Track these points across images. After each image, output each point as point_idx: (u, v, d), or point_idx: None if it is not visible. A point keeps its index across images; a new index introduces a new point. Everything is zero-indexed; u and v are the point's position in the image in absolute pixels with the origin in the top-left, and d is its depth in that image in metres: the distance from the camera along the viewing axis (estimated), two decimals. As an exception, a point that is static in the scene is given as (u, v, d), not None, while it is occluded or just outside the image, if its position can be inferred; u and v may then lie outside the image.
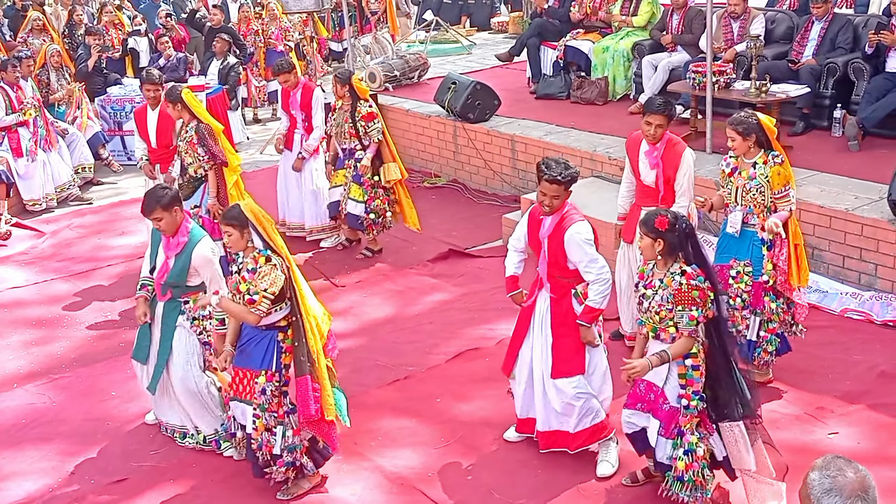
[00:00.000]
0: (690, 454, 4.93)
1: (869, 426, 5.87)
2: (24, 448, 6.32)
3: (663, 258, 4.93)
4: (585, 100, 11.14)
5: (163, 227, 5.82)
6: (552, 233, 5.44)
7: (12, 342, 7.89)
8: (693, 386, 4.92)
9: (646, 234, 4.93)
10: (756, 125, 5.96)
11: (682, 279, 4.84)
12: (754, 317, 6.14)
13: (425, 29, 15.59)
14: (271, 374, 5.41)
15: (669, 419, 4.96)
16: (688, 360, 4.91)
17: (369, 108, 8.67)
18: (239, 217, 5.35)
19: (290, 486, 5.62)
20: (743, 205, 6.07)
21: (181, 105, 7.85)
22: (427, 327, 7.66)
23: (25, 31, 13.64)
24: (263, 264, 5.31)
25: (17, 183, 10.95)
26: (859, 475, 2.85)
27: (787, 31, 10.14)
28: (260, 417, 5.42)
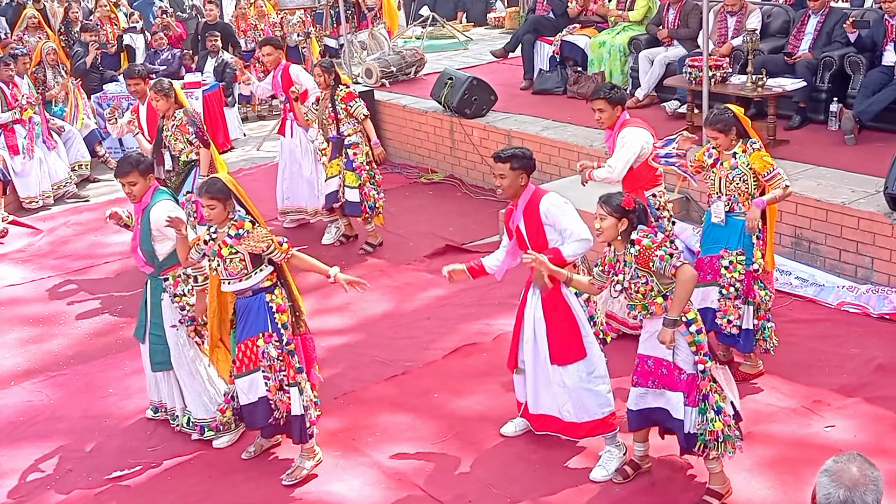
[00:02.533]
0: (720, 412, 4.97)
1: (866, 419, 5.87)
2: (22, 446, 6.32)
3: (623, 239, 4.96)
4: (582, 95, 11.12)
5: (135, 192, 5.91)
6: (525, 213, 5.46)
7: (9, 340, 7.89)
8: (703, 349, 4.95)
9: (610, 214, 4.93)
10: (732, 118, 6.03)
11: (634, 248, 4.89)
12: (747, 306, 6.16)
13: (421, 25, 15.57)
14: (269, 336, 5.50)
15: (691, 387, 4.97)
16: (692, 326, 4.93)
17: (346, 89, 8.76)
18: (223, 190, 5.44)
19: (293, 469, 5.69)
20: (727, 194, 6.10)
21: (174, 97, 7.95)
22: (424, 323, 7.67)
23: (21, 29, 13.63)
24: (252, 228, 5.42)
25: (14, 180, 10.96)
26: (863, 472, 2.84)
27: (783, 25, 10.13)
28: (270, 379, 5.51)
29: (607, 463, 5.56)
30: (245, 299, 5.56)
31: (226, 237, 5.45)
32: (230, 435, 6.13)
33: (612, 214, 4.93)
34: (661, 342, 4.93)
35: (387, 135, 11.90)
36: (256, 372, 5.55)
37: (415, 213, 9.86)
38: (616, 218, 4.93)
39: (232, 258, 5.44)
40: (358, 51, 14.03)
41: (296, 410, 5.58)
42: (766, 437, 5.75)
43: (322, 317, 7.86)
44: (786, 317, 7.21)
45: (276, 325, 5.53)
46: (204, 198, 5.46)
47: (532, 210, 5.44)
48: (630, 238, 4.93)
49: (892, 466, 5.10)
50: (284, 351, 5.54)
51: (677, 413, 5.04)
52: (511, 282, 8.08)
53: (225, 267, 5.49)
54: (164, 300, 6.02)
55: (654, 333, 5.03)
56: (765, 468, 5.45)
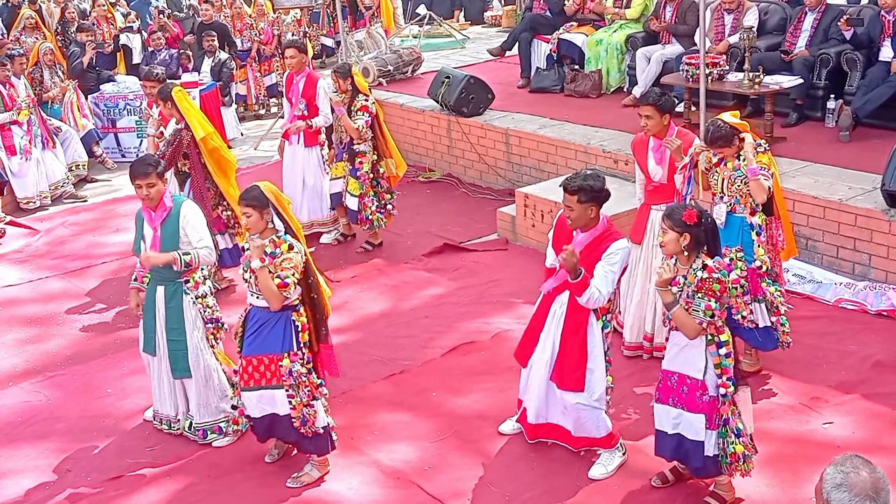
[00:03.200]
0: (740, 434, 4.96)
1: (864, 416, 5.88)
2: (21, 446, 6.32)
3: (688, 253, 4.89)
4: (579, 93, 11.14)
5: (152, 195, 5.82)
6: (588, 246, 5.28)
7: (7, 340, 7.88)
8: (728, 373, 4.93)
9: (671, 229, 4.86)
10: (730, 130, 5.94)
11: (704, 273, 4.83)
12: (757, 303, 6.14)
13: (418, 23, 15.57)
14: (294, 355, 5.43)
15: (711, 410, 4.95)
16: (721, 348, 4.90)
17: (365, 100, 8.67)
18: (259, 198, 5.34)
19: (302, 473, 5.68)
20: (729, 195, 6.07)
21: (171, 104, 7.84)
22: (422, 321, 7.67)
23: (18, 29, 13.63)
24: (287, 252, 5.31)
25: (11, 181, 10.95)
26: (874, 476, 2.84)
27: (780, 22, 10.13)
28: (295, 397, 5.45)
29: (608, 462, 5.56)
30: (266, 313, 5.45)
31: (263, 253, 5.35)
32: (231, 437, 6.13)
33: (674, 229, 4.85)
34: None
35: (384, 134, 11.89)
36: (279, 389, 5.45)
37: (412, 211, 9.86)
38: (678, 233, 4.85)
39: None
40: (355, 50, 14.01)
41: (321, 423, 5.55)
42: (765, 434, 5.74)
43: (320, 316, 7.86)
44: (784, 314, 7.22)
45: (300, 343, 5.47)
46: (241, 205, 5.39)
47: (595, 248, 5.26)
48: (703, 262, 4.85)
49: (891, 463, 5.10)
50: (308, 367, 5.51)
51: (697, 435, 4.98)
52: (509, 281, 8.11)
53: (255, 282, 5.38)
54: (186, 302, 5.92)
55: (682, 347, 4.99)
56: (763, 465, 5.44)
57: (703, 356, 4.94)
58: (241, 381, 5.57)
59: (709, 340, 4.91)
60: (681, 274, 4.92)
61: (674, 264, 4.94)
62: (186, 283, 5.93)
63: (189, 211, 5.89)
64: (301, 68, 9.14)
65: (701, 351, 4.94)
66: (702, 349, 4.94)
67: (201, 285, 5.98)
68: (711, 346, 4.92)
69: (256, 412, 5.57)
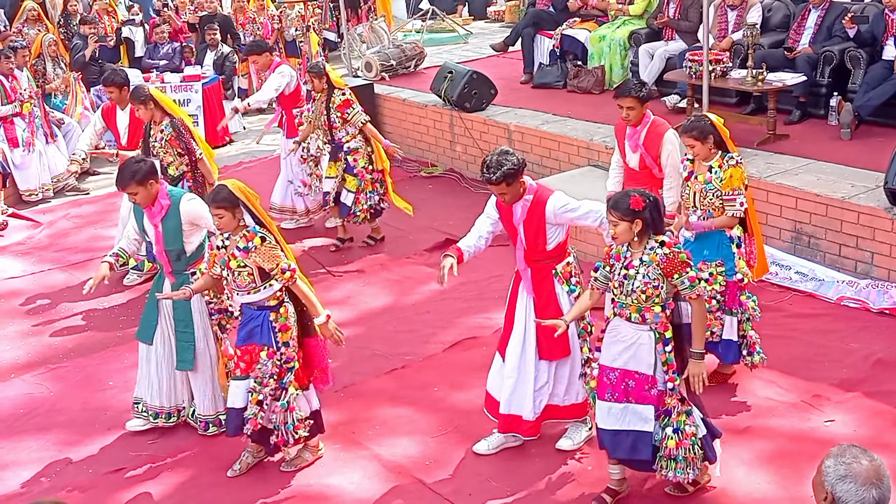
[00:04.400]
0: (680, 432, 4.91)
1: (865, 414, 5.88)
2: (22, 438, 6.33)
3: (639, 238, 4.83)
4: (582, 89, 11.13)
5: (139, 201, 5.83)
6: (527, 217, 5.40)
7: (9, 332, 7.89)
8: (673, 367, 4.91)
9: (622, 219, 4.78)
10: (710, 126, 5.88)
11: (664, 249, 4.78)
12: (729, 317, 6.02)
13: (421, 18, 15.55)
14: (272, 352, 5.44)
15: (659, 402, 4.94)
16: (667, 345, 4.87)
17: (342, 96, 8.62)
18: (229, 198, 5.34)
19: (294, 457, 5.72)
20: (702, 209, 5.95)
21: (153, 104, 7.66)
22: (424, 316, 7.67)
23: (21, 21, 13.60)
24: (259, 244, 5.32)
25: (14, 173, 10.95)
26: (874, 463, 2.86)
27: (783, 19, 10.12)
28: (255, 391, 5.45)
29: (574, 434, 5.70)
30: (250, 310, 5.49)
31: (235, 249, 5.37)
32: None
33: (624, 218, 4.79)
34: (692, 375, 4.92)
35: (386, 128, 11.89)
36: (248, 380, 5.49)
37: (414, 206, 9.82)
38: (629, 221, 4.79)
39: (240, 271, 5.36)
40: (357, 44, 14.01)
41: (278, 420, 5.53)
42: (766, 432, 5.76)
43: (322, 310, 7.87)
44: (785, 311, 7.22)
45: (278, 342, 5.47)
46: (211, 207, 5.38)
47: (535, 212, 5.37)
48: (659, 240, 4.82)
49: (893, 461, 5.10)
50: (283, 367, 5.49)
51: (647, 425, 4.93)
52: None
53: (234, 279, 5.41)
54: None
55: (628, 345, 4.92)
56: (764, 462, 5.46)
57: (653, 354, 4.90)
58: (233, 371, 5.62)
59: (656, 338, 4.87)
60: (636, 258, 4.86)
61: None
62: (193, 276, 5.93)
63: (189, 209, 5.83)
64: (268, 65, 9.23)
65: (650, 349, 4.89)
66: (651, 347, 4.89)
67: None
68: (659, 345, 4.88)
69: (239, 402, 5.56)
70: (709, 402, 6.02)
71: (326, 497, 5.50)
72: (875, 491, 2.82)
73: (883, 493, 2.83)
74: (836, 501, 2.86)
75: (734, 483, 5.31)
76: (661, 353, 4.90)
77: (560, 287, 5.48)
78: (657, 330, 4.88)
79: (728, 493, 5.24)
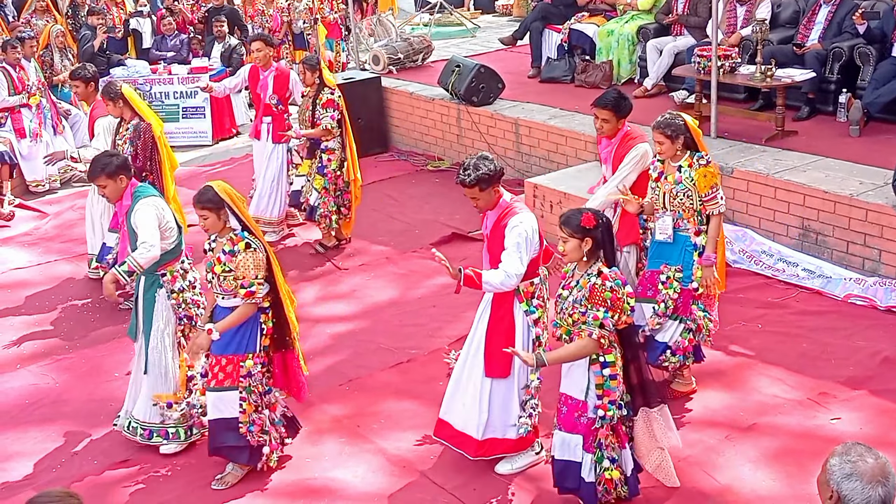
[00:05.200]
0: (614, 462, 4.87)
1: (872, 412, 5.87)
2: (28, 429, 6.34)
3: (587, 259, 4.75)
4: (590, 83, 11.10)
5: (107, 195, 5.84)
6: (492, 229, 5.33)
7: (15, 323, 7.90)
8: (610, 396, 4.78)
9: (571, 236, 4.71)
10: (683, 126, 5.75)
11: (598, 279, 4.69)
12: (674, 322, 5.92)
13: (429, 11, 15.53)
14: (257, 356, 5.39)
15: (587, 432, 4.84)
16: (606, 369, 4.76)
17: (330, 94, 8.53)
18: (214, 199, 5.28)
19: (225, 474, 5.60)
20: (672, 210, 5.85)
21: (122, 102, 7.54)
22: (430, 311, 7.66)
23: (29, 12, 13.61)
24: (243, 250, 5.25)
25: (21, 164, 10.96)
26: (879, 461, 2.85)
27: (793, 15, 10.08)
28: (246, 400, 5.41)
29: (514, 459, 5.50)
30: (229, 311, 5.38)
31: (221, 252, 5.30)
32: (177, 443, 5.94)
33: (574, 235, 4.71)
34: (523, 362, 4.85)
35: (393, 122, 11.89)
36: (234, 390, 5.41)
37: (421, 200, 9.85)
38: (578, 238, 4.71)
39: (225, 276, 5.28)
40: (365, 37, 14.00)
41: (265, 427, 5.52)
42: (772, 429, 5.75)
43: (327, 304, 7.87)
44: (792, 308, 7.21)
45: (263, 346, 5.42)
46: (196, 208, 5.33)
47: (498, 227, 5.27)
48: (598, 270, 4.72)
49: (898, 459, 5.09)
50: (264, 371, 5.46)
51: (575, 456, 4.88)
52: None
53: (218, 283, 5.34)
54: (160, 296, 5.83)
55: (570, 367, 4.88)
56: (770, 460, 5.45)
57: (586, 375, 4.82)
58: (207, 381, 5.54)
59: (592, 359, 4.78)
60: (575, 279, 4.81)
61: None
62: (163, 277, 5.83)
63: (138, 209, 5.73)
64: (268, 63, 9.00)
65: (584, 370, 4.83)
66: (585, 368, 4.82)
67: (179, 280, 5.85)
68: (595, 366, 4.78)
69: (212, 413, 5.49)
70: (713, 400, 6.06)
71: (331, 490, 5.50)
72: (881, 489, 2.81)
73: (888, 491, 2.82)
74: (842, 500, 2.85)
75: (739, 481, 5.30)
76: (596, 375, 4.79)
77: (518, 305, 5.32)
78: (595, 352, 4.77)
79: (733, 491, 5.23)
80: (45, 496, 3.25)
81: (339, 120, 8.59)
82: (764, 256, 7.81)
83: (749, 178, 8.05)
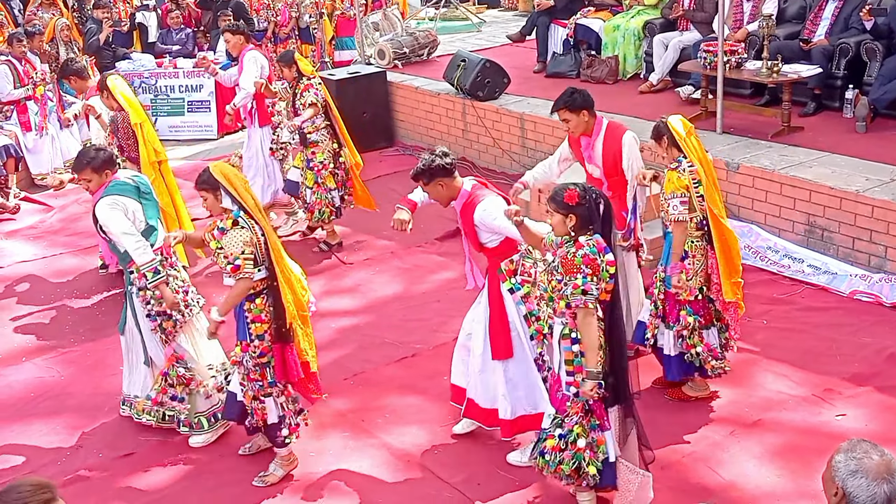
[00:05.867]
0: (564, 439, 4.74)
1: (877, 408, 5.86)
2: (33, 422, 6.35)
3: (576, 233, 4.71)
4: (595, 78, 11.08)
5: (90, 189, 5.88)
6: (461, 216, 5.44)
7: (20, 316, 7.91)
8: (580, 370, 4.69)
9: (556, 211, 4.72)
10: (664, 127, 5.73)
11: (572, 247, 4.65)
12: (667, 329, 5.84)
13: (434, 6, 15.51)
14: (246, 345, 5.37)
15: (560, 408, 4.80)
16: (575, 345, 4.68)
17: (308, 80, 8.49)
18: (209, 180, 5.30)
19: (267, 474, 5.59)
20: (662, 210, 5.83)
21: (107, 94, 7.59)
22: (435, 305, 7.66)
23: (35, 5, 13.62)
24: (230, 227, 5.24)
25: (26, 157, 10.98)
26: (885, 458, 2.85)
27: (799, 10, 10.06)
28: (245, 386, 5.42)
29: (525, 451, 5.48)
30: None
31: (216, 229, 5.31)
32: (203, 434, 5.98)
33: (559, 211, 4.71)
34: (582, 394, 4.68)
35: (399, 116, 11.88)
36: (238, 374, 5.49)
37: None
38: (563, 214, 4.70)
39: (219, 253, 5.27)
40: (371, 31, 13.97)
41: (272, 419, 5.46)
42: (777, 425, 5.75)
43: (332, 298, 7.87)
44: (798, 304, 7.20)
45: (251, 334, 5.34)
46: (197, 189, 5.38)
47: (466, 214, 5.39)
48: (577, 238, 4.68)
49: (903, 456, 5.08)
50: (259, 362, 5.38)
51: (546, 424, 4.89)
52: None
53: (216, 262, 5.37)
54: (132, 291, 5.88)
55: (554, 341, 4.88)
56: (775, 456, 5.45)
57: (559, 349, 4.79)
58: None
59: (563, 334, 4.73)
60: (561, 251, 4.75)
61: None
62: (132, 274, 5.84)
63: (100, 210, 5.75)
64: (240, 49, 8.96)
65: (558, 341, 4.80)
66: (558, 339, 4.78)
67: (144, 277, 5.80)
68: (566, 341, 4.73)
69: (233, 387, 5.56)
70: (719, 394, 6.04)
71: (335, 485, 5.51)
72: (886, 486, 2.81)
73: (894, 488, 2.82)
74: (847, 497, 2.85)
75: (744, 477, 5.29)
76: (565, 350, 4.74)
77: (504, 285, 5.39)
78: (567, 327, 4.73)
79: (737, 487, 5.23)
80: (14, 490, 3.01)
81: (325, 111, 8.51)
82: (769, 252, 7.80)
83: (755, 174, 8.04)
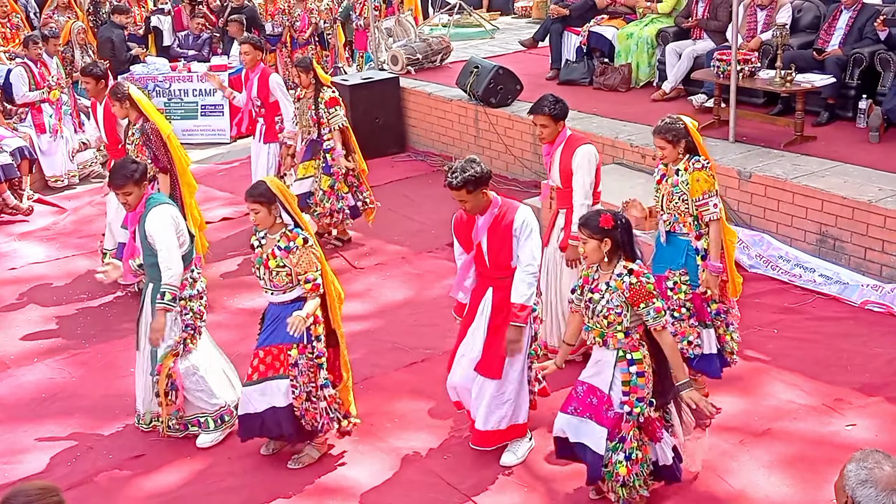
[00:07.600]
0: (631, 459, 4.85)
1: (887, 418, 5.84)
2: (44, 422, 6.38)
3: (608, 259, 4.80)
4: (608, 86, 11.08)
5: (130, 202, 5.79)
6: (491, 228, 5.34)
7: (32, 317, 7.95)
8: (637, 393, 4.81)
9: (591, 237, 4.76)
10: (683, 130, 5.71)
11: (632, 278, 4.73)
12: (705, 329, 5.85)
13: (448, 12, 15.53)
14: (303, 347, 5.42)
15: (615, 426, 4.86)
16: (633, 366, 4.81)
17: (332, 92, 8.58)
18: (266, 193, 5.34)
19: (302, 455, 5.69)
20: (668, 213, 5.82)
21: (129, 103, 7.47)
22: (445, 311, 7.60)
23: (51, 8, 13.68)
24: (301, 246, 5.32)
25: (40, 159, 11.03)
26: None
27: (813, 20, 10.05)
28: (297, 388, 5.44)
29: (516, 448, 5.62)
30: (281, 307, 5.47)
31: (275, 248, 5.36)
32: (211, 434, 6.00)
33: (594, 237, 4.76)
34: (688, 400, 4.87)
35: (411, 122, 11.90)
36: (285, 379, 5.46)
37: (437, 200, 9.83)
38: (598, 240, 4.76)
39: (279, 271, 5.35)
40: (384, 37, 14.00)
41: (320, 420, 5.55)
42: (786, 435, 5.73)
43: (343, 302, 7.88)
44: (809, 314, 7.18)
45: (311, 336, 5.44)
46: (248, 201, 5.38)
47: (498, 225, 5.32)
48: (628, 268, 4.77)
49: (913, 467, 5.06)
50: (314, 363, 5.47)
51: (598, 447, 4.89)
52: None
53: (270, 278, 5.40)
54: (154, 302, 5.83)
55: (597, 361, 4.95)
56: (784, 465, 5.44)
57: (612, 371, 4.85)
58: (246, 377, 5.59)
59: (619, 357, 4.84)
60: (602, 281, 4.84)
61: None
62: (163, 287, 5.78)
63: (151, 218, 5.72)
64: (255, 64, 9.01)
65: (611, 366, 4.86)
66: (612, 365, 4.86)
67: (188, 287, 5.84)
68: (622, 363, 4.83)
69: (257, 406, 5.52)
70: (728, 405, 6.04)
71: (344, 489, 5.51)
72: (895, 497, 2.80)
73: None
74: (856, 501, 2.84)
75: (753, 486, 5.28)
76: (622, 372, 4.83)
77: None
78: (622, 349, 4.83)
79: (747, 496, 5.22)
80: (22, 493, 3.08)
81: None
82: (781, 261, 7.78)
83: (767, 183, 8.03)
